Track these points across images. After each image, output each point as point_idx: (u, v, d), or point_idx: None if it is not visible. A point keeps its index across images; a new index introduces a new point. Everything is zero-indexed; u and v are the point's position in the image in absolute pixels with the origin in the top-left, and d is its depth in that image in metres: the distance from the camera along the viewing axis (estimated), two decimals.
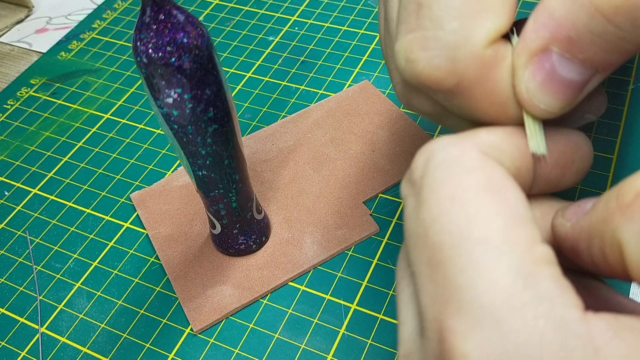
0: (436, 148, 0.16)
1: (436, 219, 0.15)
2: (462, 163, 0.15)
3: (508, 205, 0.15)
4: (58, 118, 0.45)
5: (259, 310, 0.32)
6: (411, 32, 0.17)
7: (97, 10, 0.55)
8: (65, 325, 0.33)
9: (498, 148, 0.16)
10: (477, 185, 0.15)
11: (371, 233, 0.34)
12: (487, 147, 0.16)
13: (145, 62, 0.24)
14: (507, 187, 0.15)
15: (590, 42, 0.15)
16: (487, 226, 0.14)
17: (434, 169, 0.15)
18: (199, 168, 0.28)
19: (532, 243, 0.14)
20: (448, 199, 0.15)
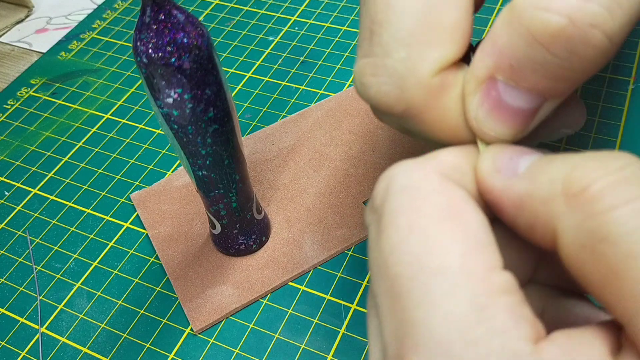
0: (396, 173, 0.16)
1: (395, 249, 0.14)
2: (421, 188, 0.15)
3: (467, 230, 0.14)
4: (58, 118, 0.45)
5: (259, 310, 0.32)
6: (364, 57, 0.17)
7: (97, 10, 0.55)
8: (65, 325, 0.33)
9: (459, 170, 0.16)
10: (436, 211, 0.14)
11: None
12: (448, 170, 0.16)
13: (145, 62, 0.24)
14: (467, 211, 0.15)
15: (531, 70, 0.15)
16: (444, 255, 0.14)
17: (394, 195, 0.15)
18: (199, 168, 0.28)
19: (489, 271, 0.14)
20: (406, 227, 0.14)
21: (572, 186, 0.13)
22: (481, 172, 0.15)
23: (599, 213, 0.12)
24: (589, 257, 0.13)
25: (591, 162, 0.13)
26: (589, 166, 0.13)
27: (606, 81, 0.42)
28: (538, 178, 0.14)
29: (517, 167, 0.15)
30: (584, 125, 0.39)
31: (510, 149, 0.16)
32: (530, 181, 0.14)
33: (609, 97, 0.41)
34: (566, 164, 0.14)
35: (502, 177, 0.15)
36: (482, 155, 0.16)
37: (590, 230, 0.13)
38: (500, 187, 0.15)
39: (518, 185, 0.14)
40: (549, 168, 0.14)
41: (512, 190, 0.15)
